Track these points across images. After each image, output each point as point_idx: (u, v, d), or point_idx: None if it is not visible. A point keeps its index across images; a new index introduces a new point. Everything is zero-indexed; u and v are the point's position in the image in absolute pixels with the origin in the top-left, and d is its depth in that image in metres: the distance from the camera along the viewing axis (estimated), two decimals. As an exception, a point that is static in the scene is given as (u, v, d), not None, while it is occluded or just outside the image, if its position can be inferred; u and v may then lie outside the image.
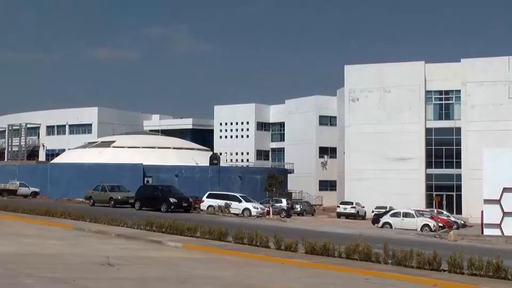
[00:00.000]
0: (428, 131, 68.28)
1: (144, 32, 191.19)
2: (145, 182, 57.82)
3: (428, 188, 67.43)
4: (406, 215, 43.79)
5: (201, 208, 46.79)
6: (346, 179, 70.45)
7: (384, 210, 53.77)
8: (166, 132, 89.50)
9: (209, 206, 46.61)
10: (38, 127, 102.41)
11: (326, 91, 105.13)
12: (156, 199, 43.64)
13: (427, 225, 42.42)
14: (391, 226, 42.79)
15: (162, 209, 41.97)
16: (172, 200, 43.10)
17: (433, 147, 68.29)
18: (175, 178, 59.09)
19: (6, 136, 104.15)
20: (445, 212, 55.56)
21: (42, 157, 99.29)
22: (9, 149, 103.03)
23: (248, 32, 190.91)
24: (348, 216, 60.73)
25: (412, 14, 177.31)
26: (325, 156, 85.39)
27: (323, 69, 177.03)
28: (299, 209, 60.38)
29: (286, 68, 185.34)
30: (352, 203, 62.82)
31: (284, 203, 54.47)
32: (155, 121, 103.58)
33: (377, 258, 18.81)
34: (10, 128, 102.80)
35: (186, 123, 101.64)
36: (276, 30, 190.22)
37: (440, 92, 69.05)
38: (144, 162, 60.42)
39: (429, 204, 64.28)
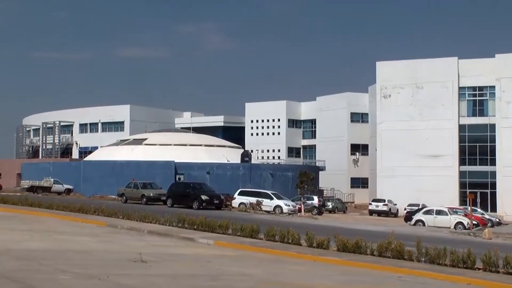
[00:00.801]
0: (462, 127, 67.46)
1: (174, 30, 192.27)
2: (177, 179, 58.07)
3: (462, 185, 66.64)
4: (439, 212, 43.31)
5: (233, 205, 46.85)
6: (378, 176, 69.97)
7: (416, 208, 53.30)
8: (197, 129, 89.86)
9: (241, 203, 46.68)
10: (72, 125, 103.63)
11: (357, 88, 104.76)
12: (187, 196, 43.81)
13: (460, 223, 41.90)
14: (423, 224, 42.37)
15: (193, 206, 42.12)
16: (203, 197, 43.21)
17: (466, 144, 67.45)
18: (207, 175, 59.28)
19: (41, 134, 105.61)
20: (479, 210, 54.79)
21: (75, 154, 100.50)
22: (43, 147, 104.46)
23: (279, 29, 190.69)
24: (380, 213, 60.31)
25: (444, 9, 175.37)
26: (357, 153, 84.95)
27: (354, 66, 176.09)
28: (330, 206, 60.18)
29: (317, 65, 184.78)
30: (384, 201, 62.38)
31: (315, 200, 54.34)
32: (186, 119, 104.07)
33: (409, 256, 18.63)
34: (44, 126, 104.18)
35: (218, 120, 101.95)
36: (307, 27, 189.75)
37: (474, 88, 68.14)
38: (175, 160, 60.71)
39: (462, 201, 63.60)
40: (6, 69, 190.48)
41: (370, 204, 63.41)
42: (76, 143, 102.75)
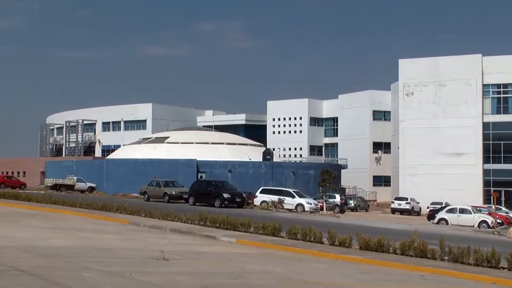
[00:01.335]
0: (486, 125, 66.78)
1: (196, 28, 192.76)
2: (199, 177, 58.21)
3: (486, 183, 66.00)
4: (462, 211, 42.94)
5: (254, 203, 46.88)
6: (400, 175, 69.58)
7: (439, 206, 52.88)
8: (219, 127, 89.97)
9: (263, 201, 46.69)
10: (94, 124, 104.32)
11: (379, 86, 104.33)
12: (209, 194, 43.89)
13: (484, 221, 41.49)
14: (447, 223, 42.03)
15: (215, 205, 42.21)
16: (225, 195, 43.26)
17: (490, 141, 66.75)
18: (229, 173, 59.35)
19: (64, 133, 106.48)
20: (503, 208, 54.25)
21: (98, 153, 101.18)
22: (67, 145, 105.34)
23: (300, 27, 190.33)
24: (402, 212, 59.98)
25: (468, 6, 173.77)
26: (379, 151, 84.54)
27: (376, 64, 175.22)
28: (352, 204, 59.99)
29: (340, 63, 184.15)
30: (406, 199, 62.02)
31: (337, 198, 54.20)
32: (208, 117, 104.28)
33: (433, 255, 18.51)
34: (67, 124, 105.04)
35: (239, 118, 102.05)
36: (328, 25, 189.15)
37: (498, 86, 67.40)
38: (197, 158, 60.86)
39: (486, 200, 63.03)
40: (30, 68, 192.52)
41: (393, 202, 63.07)
42: (99, 142, 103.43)
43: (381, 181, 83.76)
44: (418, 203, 62.50)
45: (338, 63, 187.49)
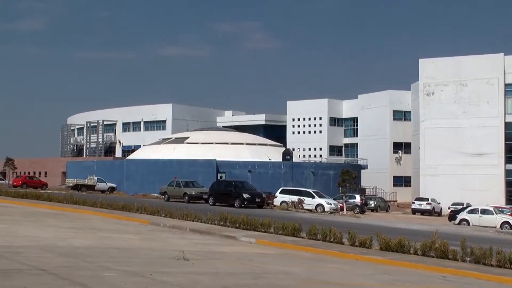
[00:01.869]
0: (508, 125, 66.12)
1: (215, 29, 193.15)
2: (219, 177, 58.30)
3: (508, 184, 65.37)
4: (484, 211, 42.54)
5: (274, 203, 46.84)
6: (421, 175, 69.17)
7: (461, 207, 52.49)
8: (239, 128, 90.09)
9: (282, 201, 46.65)
10: (115, 124, 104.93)
11: (400, 86, 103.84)
12: (229, 194, 43.93)
13: (507, 222, 41.07)
14: (468, 223, 41.68)
15: (235, 205, 42.24)
16: (245, 195, 43.27)
17: (513, 142, 66.17)
18: (248, 173, 59.38)
19: (85, 133, 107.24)
20: (526, 209, 53.69)
21: (118, 153, 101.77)
22: (87, 146, 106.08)
23: (320, 27, 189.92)
24: (423, 212, 59.57)
25: (488, 5, 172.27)
26: (399, 151, 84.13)
27: (396, 63, 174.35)
28: (373, 205, 59.71)
29: (359, 63, 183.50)
30: (427, 199, 61.58)
31: (357, 199, 54.01)
32: (228, 117, 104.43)
33: (454, 256, 18.35)
34: (88, 125, 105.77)
35: (259, 119, 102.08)
36: (349, 24, 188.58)
37: (521, 85, 66.78)
38: (217, 158, 60.96)
39: (508, 200, 62.51)
40: (52, 69, 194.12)
41: (413, 203, 62.66)
42: (119, 142, 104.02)
43: (402, 181, 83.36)
44: (439, 203, 62.05)
45: (357, 63, 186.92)
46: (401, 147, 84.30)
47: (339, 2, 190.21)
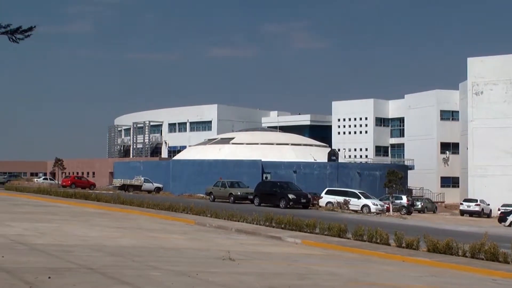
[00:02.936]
0: (561, 124, 64.56)
1: (261, 29, 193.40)
2: (264, 178, 58.36)
3: (561, 185, 63.81)
4: (535, 213, 41.60)
5: (320, 204, 46.70)
6: (469, 176, 68.04)
7: (511, 208, 51.38)
8: (284, 128, 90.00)
9: (328, 202, 46.47)
10: (161, 125, 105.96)
11: (447, 85, 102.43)
12: (274, 195, 43.94)
13: (558, 224, 40.10)
14: (519, 225, 40.81)
15: (280, 205, 42.23)
16: (290, 196, 43.23)
17: None
18: (293, 174, 59.29)
19: (131, 134, 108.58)
20: None
21: (164, 153, 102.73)
22: (134, 146, 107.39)
23: (366, 26, 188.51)
24: (472, 214, 58.52)
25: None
26: (447, 151, 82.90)
27: (443, 63, 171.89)
28: (420, 206, 58.93)
29: (405, 63, 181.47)
30: (476, 201, 60.46)
31: (404, 200, 53.39)
32: (273, 118, 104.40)
33: (505, 258, 17.96)
34: (135, 126, 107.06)
35: (304, 119, 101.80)
36: (394, 24, 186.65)
37: None
38: (262, 159, 61.02)
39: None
40: (99, 71, 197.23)
41: (461, 204, 61.62)
42: (165, 143, 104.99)
43: (449, 182, 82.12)
44: (488, 204, 60.89)
45: (404, 62, 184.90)
46: (448, 147, 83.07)
47: (385, 2, 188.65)
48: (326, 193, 48.30)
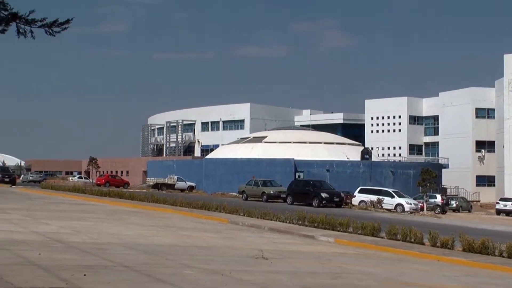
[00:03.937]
0: None
1: (293, 27, 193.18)
2: (297, 177, 58.28)
3: None
4: None
5: (353, 203, 46.47)
6: (506, 174, 67.08)
7: (548, 208, 50.55)
8: (316, 127, 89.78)
9: (361, 201, 46.23)
10: (194, 124, 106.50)
11: (482, 83, 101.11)
12: (307, 194, 43.83)
13: None
14: (556, 225, 40.10)
15: (313, 204, 42.12)
16: (323, 195, 43.08)
17: None
18: (326, 173, 59.09)
19: (165, 133, 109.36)
20: None
21: (197, 152, 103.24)
22: (167, 145, 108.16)
23: (399, 24, 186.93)
24: (508, 213, 57.68)
25: None
26: (483, 150, 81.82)
27: (478, 60, 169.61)
28: (454, 205, 58.32)
29: (439, 60, 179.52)
30: (512, 200, 59.64)
31: (438, 198, 52.88)
32: (305, 116, 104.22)
33: (542, 259, 17.66)
34: (168, 125, 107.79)
35: (337, 117, 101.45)
36: (427, 21, 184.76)
37: None
38: (295, 157, 60.95)
39: None
40: (132, 70, 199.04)
41: (498, 203, 60.79)
42: (198, 141, 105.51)
43: (485, 181, 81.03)
44: (525, 204, 59.96)
45: (438, 60, 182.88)
46: (484, 145, 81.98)
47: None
48: (359, 192, 48.07)
